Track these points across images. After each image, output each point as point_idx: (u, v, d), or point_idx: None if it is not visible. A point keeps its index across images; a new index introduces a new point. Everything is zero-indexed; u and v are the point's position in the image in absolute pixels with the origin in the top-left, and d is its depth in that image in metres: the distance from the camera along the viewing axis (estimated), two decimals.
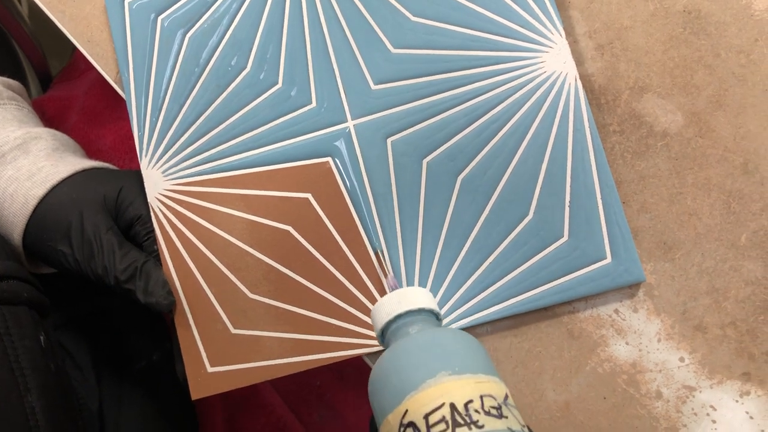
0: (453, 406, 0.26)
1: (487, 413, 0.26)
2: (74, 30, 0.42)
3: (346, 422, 0.54)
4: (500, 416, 0.26)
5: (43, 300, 0.38)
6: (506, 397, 0.27)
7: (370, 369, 0.38)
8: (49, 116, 0.59)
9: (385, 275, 0.38)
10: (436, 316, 0.33)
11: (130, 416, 0.45)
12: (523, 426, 0.27)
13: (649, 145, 0.38)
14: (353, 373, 0.56)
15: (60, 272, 0.42)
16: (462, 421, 0.25)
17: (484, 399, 0.26)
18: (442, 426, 0.25)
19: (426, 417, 0.26)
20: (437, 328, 0.31)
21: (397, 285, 0.37)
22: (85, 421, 0.43)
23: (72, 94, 0.61)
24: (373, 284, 0.38)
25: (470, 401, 0.26)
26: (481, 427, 0.25)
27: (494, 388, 0.27)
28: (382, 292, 0.38)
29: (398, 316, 0.32)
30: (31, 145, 0.41)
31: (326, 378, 0.56)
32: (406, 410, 0.27)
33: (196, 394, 0.38)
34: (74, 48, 0.42)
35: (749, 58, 0.37)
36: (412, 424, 0.26)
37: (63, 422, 0.35)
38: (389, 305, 0.32)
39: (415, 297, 0.32)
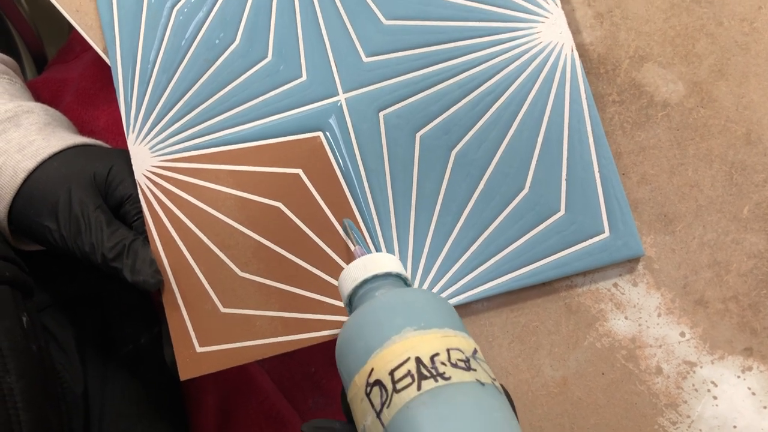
0: (419, 360, 0.25)
1: (454, 365, 0.25)
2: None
3: (341, 409, 0.53)
4: (468, 368, 0.25)
5: (27, 280, 0.37)
6: (475, 351, 0.26)
7: None
8: (43, 98, 0.58)
9: (353, 245, 0.35)
10: (405, 282, 0.31)
11: (115, 401, 0.44)
12: (494, 379, 0.26)
13: (650, 116, 0.36)
14: None
15: (46, 249, 0.41)
16: (428, 374, 0.25)
17: (451, 352, 0.25)
18: (408, 380, 0.25)
19: (391, 373, 0.25)
20: (403, 288, 0.30)
21: (365, 254, 0.35)
22: (69, 405, 0.42)
23: (67, 77, 0.60)
24: None
25: (436, 354, 0.25)
26: (448, 378, 0.24)
27: (462, 342, 0.26)
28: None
29: (365, 281, 0.30)
30: (22, 119, 0.40)
31: (321, 364, 0.55)
32: (372, 369, 0.26)
33: (184, 374, 0.37)
34: (70, 30, 0.41)
35: (752, 26, 0.36)
36: (378, 382, 0.25)
37: (43, 405, 0.35)
38: (355, 271, 0.31)
39: (381, 261, 0.31)
